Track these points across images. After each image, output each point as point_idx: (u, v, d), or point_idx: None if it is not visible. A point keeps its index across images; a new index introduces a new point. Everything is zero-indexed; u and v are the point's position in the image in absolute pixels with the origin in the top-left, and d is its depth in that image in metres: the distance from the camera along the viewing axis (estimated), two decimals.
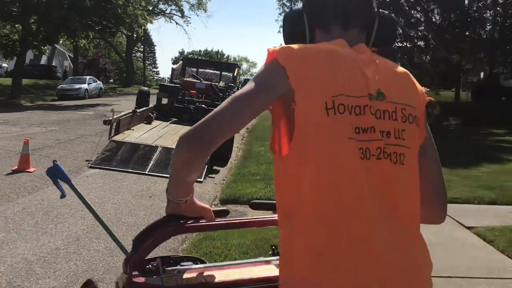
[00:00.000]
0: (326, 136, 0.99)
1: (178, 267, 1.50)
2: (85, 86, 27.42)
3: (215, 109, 1.05)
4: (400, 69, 1.17)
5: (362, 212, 0.98)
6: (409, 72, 1.18)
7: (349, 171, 0.99)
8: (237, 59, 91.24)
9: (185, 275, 1.43)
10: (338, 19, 1.13)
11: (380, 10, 1.22)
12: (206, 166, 8.09)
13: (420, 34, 28.26)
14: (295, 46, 1.07)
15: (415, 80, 1.18)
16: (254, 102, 1.03)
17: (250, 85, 1.04)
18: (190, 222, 1.34)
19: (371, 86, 1.04)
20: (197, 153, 1.04)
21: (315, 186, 0.98)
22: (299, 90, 1.00)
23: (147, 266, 1.41)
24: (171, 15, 46.53)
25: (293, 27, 1.17)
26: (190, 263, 1.53)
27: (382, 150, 1.02)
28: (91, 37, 29.58)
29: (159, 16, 46.64)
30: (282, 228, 1.04)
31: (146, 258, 1.40)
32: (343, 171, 0.99)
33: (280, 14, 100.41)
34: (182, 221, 1.34)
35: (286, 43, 1.14)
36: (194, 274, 1.43)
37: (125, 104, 19.50)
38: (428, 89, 1.22)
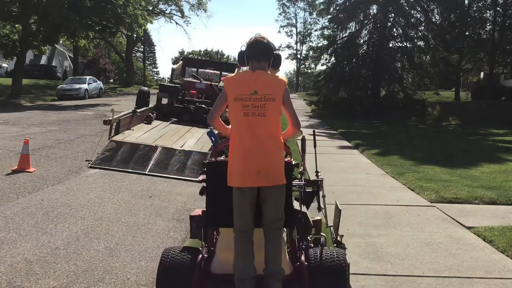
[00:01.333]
0: (234, 109, 2.83)
1: None
2: (85, 86, 27.42)
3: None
4: (272, 78, 2.88)
5: (245, 135, 2.79)
6: (277, 78, 2.89)
7: (240, 120, 2.80)
8: (237, 59, 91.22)
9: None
10: (255, 58, 2.88)
11: (275, 52, 2.93)
12: None
13: (420, 34, 28.22)
14: (231, 75, 3.09)
15: (279, 82, 2.87)
16: (221, 99, 2.94)
17: (222, 90, 2.94)
18: None
19: (251, 89, 2.80)
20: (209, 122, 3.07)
21: (233, 127, 2.87)
22: (228, 94, 2.87)
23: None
24: (171, 15, 46.55)
25: (242, 59, 2.95)
26: None
27: (253, 113, 2.78)
28: (91, 37, 29.56)
29: (159, 16, 46.67)
30: (230, 141, 2.91)
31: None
32: (239, 120, 2.81)
33: (280, 14, 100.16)
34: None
35: (239, 64, 3.07)
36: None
37: (125, 104, 19.50)
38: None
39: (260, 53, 2.88)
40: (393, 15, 28.24)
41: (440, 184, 7.38)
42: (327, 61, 30.83)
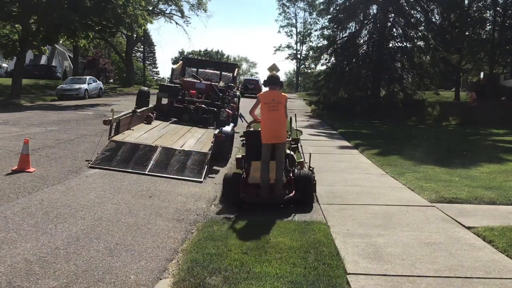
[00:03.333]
0: (263, 108, 6.33)
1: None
2: (85, 86, 27.39)
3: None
4: (281, 94, 6.42)
5: (268, 121, 6.26)
6: (282, 94, 6.44)
7: (266, 113, 6.29)
8: (237, 59, 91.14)
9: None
10: (272, 84, 6.49)
11: (280, 80, 6.64)
12: (206, 167, 8.11)
13: (420, 34, 28.22)
14: (262, 92, 6.86)
15: (284, 96, 6.43)
16: (256, 103, 6.63)
17: (257, 99, 6.59)
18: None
19: (272, 98, 6.32)
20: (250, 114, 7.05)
21: (263, 117, 6.36)
22: (261, 101, 6.40)
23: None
24: (171, 15, 46.48)
25: (266, 84, 6.57)
26: None
27: (272, 109, 6.25)
28: (91, 37, 29.51)
29: (159, 16, 46.60)
30: (261, 123, 6.45)
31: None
32: (266, 114, 6.29)
33: (280, 14, 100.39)
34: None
35: (264, 86, 6.84)
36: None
37: (125, 104, 19.50)
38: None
39: (274, 82, 6.41)
40: (393, 15, 28.23)
41: (440, 184, 7.38)
42: (327, 61, 30.85)
